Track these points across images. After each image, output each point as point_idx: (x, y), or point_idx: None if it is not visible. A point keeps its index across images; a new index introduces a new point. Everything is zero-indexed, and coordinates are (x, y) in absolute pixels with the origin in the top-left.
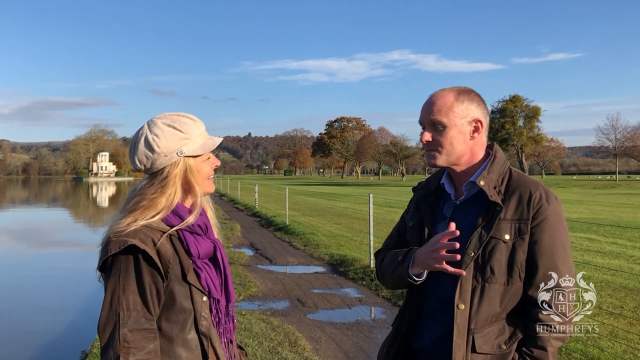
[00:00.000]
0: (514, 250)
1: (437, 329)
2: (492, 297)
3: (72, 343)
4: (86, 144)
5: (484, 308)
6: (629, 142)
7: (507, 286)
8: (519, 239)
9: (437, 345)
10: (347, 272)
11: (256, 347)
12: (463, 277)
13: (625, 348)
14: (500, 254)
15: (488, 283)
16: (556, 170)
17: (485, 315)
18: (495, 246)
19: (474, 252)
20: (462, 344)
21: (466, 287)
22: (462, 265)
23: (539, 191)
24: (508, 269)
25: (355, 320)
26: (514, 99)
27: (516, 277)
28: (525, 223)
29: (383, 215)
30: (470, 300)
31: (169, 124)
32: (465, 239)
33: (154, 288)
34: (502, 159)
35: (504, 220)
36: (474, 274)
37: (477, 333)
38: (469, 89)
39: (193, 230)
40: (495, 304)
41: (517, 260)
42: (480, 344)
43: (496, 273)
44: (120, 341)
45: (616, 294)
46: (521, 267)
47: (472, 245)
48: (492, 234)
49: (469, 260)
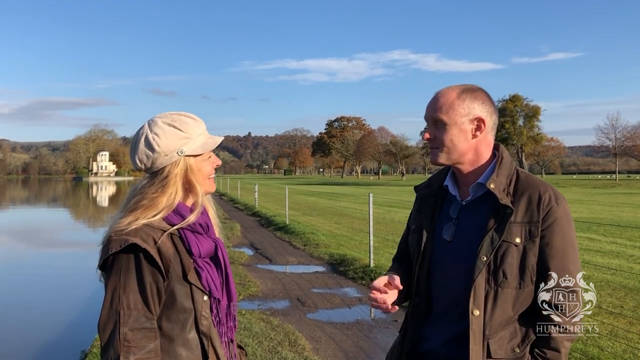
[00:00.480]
0: (525, 254)
1: (445, 333)
2: (506, 301)
3: (72, 342)
4: (86, 144)
5: (498, 313)
6: (629, 141)
7: (519, 290)
8: (529, 241)
9: (447, 349)
10: (347, 272)
11: (256, 347)
12: (476, 282)
13: (625, 347)
14: (512, 258)
15: (501, 288)
16: (556, 169)
17: (499, 321)
18: (507, 250)
19: (487, 257)
20: (478, 350)
21: (480, 293)
22: (474, 270)
23: (548, 192)
24: (520, 273)
25: (355, 320)
26: (513, 98)
27: (528, 280)
28: (536, 225)
29: (383, 214)
30: (485, 305)
31: (169, 123)
32: (472, 242)
33: (155, 287)
34: (509, 159)
35: (514, 223)
36: (487, 279)
37: (491, 338)
38: (476, 87)
39: (194, 229)
40: (508, 309)
41: (529, 263)
42: (495, 349)
43: (509, 277)
44: (120, 340)
45: (616, 294)
46: (532, 270)
47: (484, 249)
48: (504, 238)
49: (481, 264)
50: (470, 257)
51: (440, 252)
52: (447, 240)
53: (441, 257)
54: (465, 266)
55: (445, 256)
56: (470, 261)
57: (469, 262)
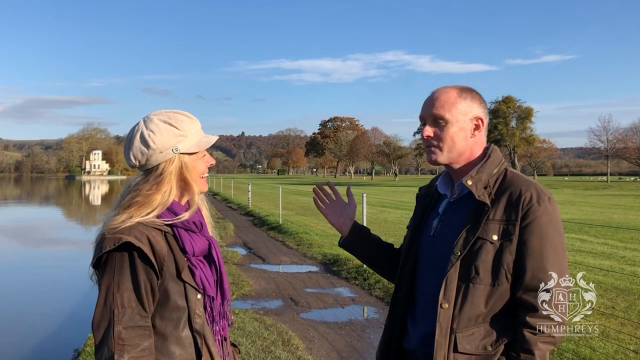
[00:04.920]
0: (500, 251)
1: (423, 329)
2: (477, 297)
3: (65, 341)
4: (79, 142)
5: (468, 308)
6: (621, 143)
7: (492, 287)
8: (506, 240)
9: (423, 345)
10: (340, 272)
11: (249, 346)
12: (449, 276)
13: (616, 348)
14: (486, 255)
15: (472, 283)
16: (548, 171)
17: (468, 316)
18: (481, 246)
19: (460, 252)
20: (444, 342)
21: (451, 287)
22: (447, 264)
23: (529, 191)
24: (494, 270)
25: (348, 320)
26: (506, 99)
27: (502, 278)
28: (514, 224)
29: (376, 215)
30: (455, 299)
31: (165, 120)
32: (451, 237)
33: (149, 285)
34: (497, 159)
35: (492, 221)
36: (460, 274)
37: (459, 333)
38: (471, 88)
39: (188, 228)
40: (479, 305)
41: (504, 261)
42: (462, 343)
43: (481, 274)
44: (114, 339)
45: (607, 295)
46: (508, 268)
47: (459, 244)
48: (479, 234)
49: (454, 259)
50: (447, 252)
51: (425, 247)
52: (431, 234)
53: (425, 252)
54: (443, 260)
55: (428, 250)
56: (447, 255)
57: (445, 256)
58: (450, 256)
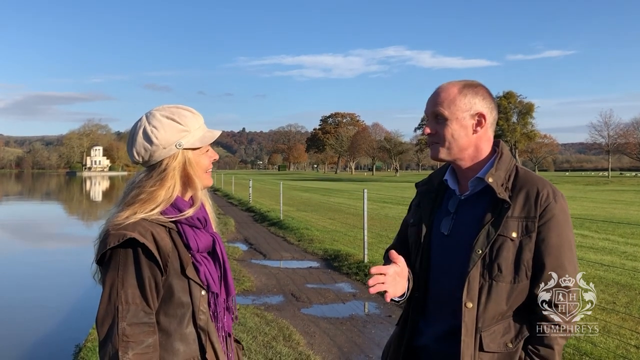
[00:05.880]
0: (520, 248)
1: (439, 327)
2: (500, 295)
3: (67, 337)
4: (80, 139)
5: (492, 306)
6: (622, 139)
7: (513, 284)
8: (526, 237)
9: (439, 344)
10: (341, 267)
11: (250, 342)
12: (471, 275)
13: (617, 343)
14: (507, 252)
15: (495, 281)
16: (549, 166)
17: (492, 314)
18: (502, 244)
19: (482, 250)
20: (470, 342)
21: (474, 285)
22: (469, 263)
23: (546, 189)
24: (515, 267)
25: (349, 315)
26: (507, 95)
27: (522, 275)
28: (533, 221)
29: (377, 210)
30: (478, 298)
31: (167, 116)
32: (470, 235)
33: (153, 282)
34: (509, 156)
35: (511, 218)
36: (482, 272)
37: (484, 332)
38: (477, 82)
39: (192, 224)
40: (502, 302)
41: (524, 258)
42: (487, 342)
43: (504, 271)
44: (119, 335)
45: (609, 290)
46: (528, 265)
47: (480, 242)
48: (500, 232)
49: (476, 257)
50: (466, 250)
51: (438, 246)
52: (445, 234)
53: (438, 251)
54: (461, 259)
55: (443, 250)
56: (466, 254)
57: (464, 255)
58: (472, 254)
